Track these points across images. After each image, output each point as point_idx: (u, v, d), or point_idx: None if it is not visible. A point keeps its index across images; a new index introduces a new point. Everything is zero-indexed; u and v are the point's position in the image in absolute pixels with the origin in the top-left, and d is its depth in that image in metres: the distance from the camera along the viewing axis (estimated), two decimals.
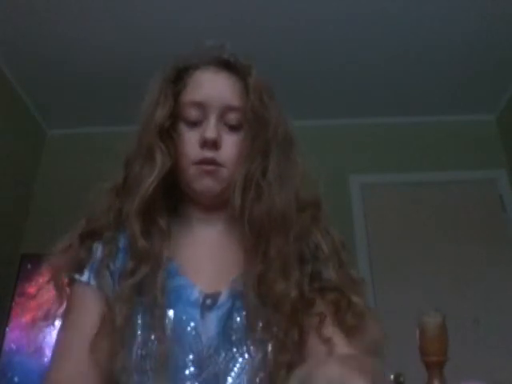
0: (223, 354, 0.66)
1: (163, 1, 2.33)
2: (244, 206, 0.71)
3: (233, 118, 0.76)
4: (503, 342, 2.51)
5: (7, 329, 2.51)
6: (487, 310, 2.61)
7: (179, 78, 0.80)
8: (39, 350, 0.68)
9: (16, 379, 2.44)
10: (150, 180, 0.71)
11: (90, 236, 0.73)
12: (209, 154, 0.74)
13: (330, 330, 0.66)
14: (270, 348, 0.66)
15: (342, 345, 0.64)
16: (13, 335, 2.49)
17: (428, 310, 0.73)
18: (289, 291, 0.66)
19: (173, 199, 0.80)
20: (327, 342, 0.64)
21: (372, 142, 3.14)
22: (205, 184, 0.74)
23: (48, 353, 0.69)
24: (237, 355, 0.66)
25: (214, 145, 0.74)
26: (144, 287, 0.68)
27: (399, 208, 2.96)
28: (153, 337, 0.66)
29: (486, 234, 2.83)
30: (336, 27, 2.51)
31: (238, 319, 0.68)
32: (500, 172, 3.02)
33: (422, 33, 2.54)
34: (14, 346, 2.48)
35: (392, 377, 2.48)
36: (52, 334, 0.70)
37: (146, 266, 0.69)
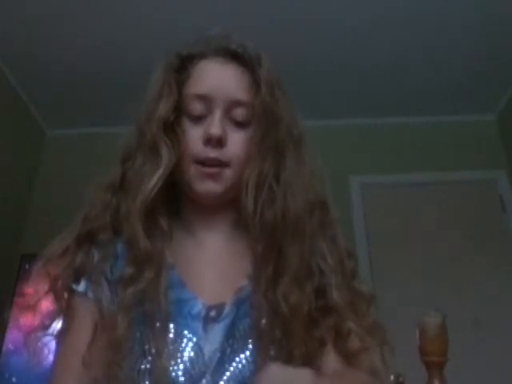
0: (226, 365, 0.63)
1: (163, 1, 2.33)
2: (255, 209, 0.66)
3: (240, 113, 0.70)
4: (503, 343, 2.51)
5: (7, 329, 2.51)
6: (487, 310, 2.61)
7: (183, 67, 0.74)
8: (38, 352, 0.65)
9: (14, 380, 2.44)
10: (156, 177, 0.66)
11: (86, 239, 0.68)
12: (212, 153, 0.68)
13: (329, 357, 0.64)
14: (272, 355, 0.62)
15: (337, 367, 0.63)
16: (11, 336, 2.48)
17: (428, 310, 0.73)
18: (303, 304, 0.63)
19: (174, 200, 0.75)
20: (319, 369, 0.62)
21: (372, 142, 3.14)
22: (206, 186, 0.69)
23: (47, 353, 0.66)
24: (238, 363, 0.63)
25: (219, 142, 0.68)
26: (145, 294, 0.63)
27: (399, 208, 2.96)
28: (153, 350, 0.61)
29: (485, 234, 2.83)
30: (336, 27, 2.50)
31: (241, 327, 0.65)
32: (500, 172, 3.02)
33: (422, 33, 2.54)
34: (11, 347, 2.48)
35: (392, 377, 2.48)
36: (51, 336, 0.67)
37: (150, 271, 0.64)
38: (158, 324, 0.63)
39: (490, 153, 3.07)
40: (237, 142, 0.70)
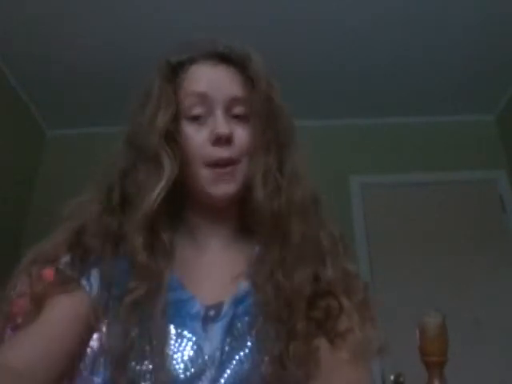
0: (226, 363, 0.64)
1: (163, 1, 2.33)
2: (265, 200, 0.68)
3: (239, 110, 0.72)
4: (503, 342, 2.51)
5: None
6: (487, 310, 2.61)
7: (174, 75, 0.74)
8: None
9: None
10: (158, 190, 0.66)
11: (79, 246, 0.69)
12: (224, 152, 0.69)
13: (319, 340, 0.64)
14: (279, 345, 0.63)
15: (326, 356, 0.63)
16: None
17: (428, 310, 0.73)
18: (306, 282, 0.64)
19: (175, 206, 0.75)
20: (315, 351, 0.63)
21: (372, 142, 3.14)
22: (221, 189, 0.70)
23: None
24: (237, 361, 0.64)
25: (228, 140, 0.69)
26: (144, 304, 0.64)
27: (399, 208, 2.96)
28: (153, 351, 0.63)
29: (485, 235, 2.83)
30: (336, 27, 2.50)
31: (240, 325, 0.66)
32: (500, 172, 3.02)
33: (422, 33, 2.54)
34: None
35: (392, 377, 2.48)
36: None
37: (148, 283, 0.65)
38: (156, 328, 0.63)
39: (490, 153, 3.08)
40: (243, 138, 0.71)
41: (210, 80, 0.72)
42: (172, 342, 0.64)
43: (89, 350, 0.67)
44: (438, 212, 2.91)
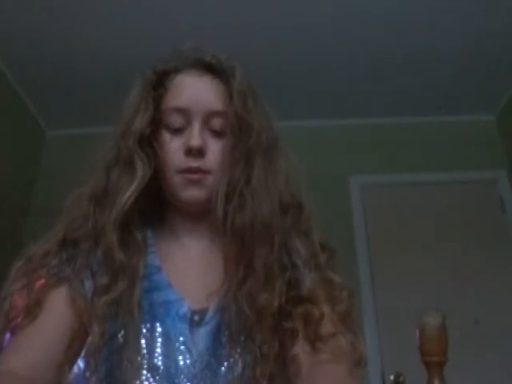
0: (214, 369, 0.64)
1: (163, 1, 2.33)
2: (226, 215, 0.69)
3: (217, 123, 0.73)
4: (503, 342, 2.51)
5: None
6: (487, 310, 2.61)
7: (159, 82, 0.76)
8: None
9: None
10: (130, 191, 0.69)
11: (69, 245, 0.70)
12: (194, 163, 0.71)
13: (299, 345, 0.64)
14: (251, 359, 0.64)
15: (307, 360, 0.63)
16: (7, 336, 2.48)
17: (428, 309, 0.73)
18: (272, 302, 0.64)
19: (158, 208, 0.78)
20: (294, 359, 0.63)
21: (372, 142, 3.14)
22: (190, 193, 0.72)
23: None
24: (226, 368, 0.65)
25: (200, 152, 0.71)
26: (120, 303, 0.65)
27: (399, 208, 2.96)
28: (144, 351, 0.64)
29: (485, 235, 2.83)
30: (337, 27, 2.50)
31: (227, 333, 0.67)
32: (500, 172, 3.02)
33: (422, 33, 2.53)
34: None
35: (392, 377, 2.48)
36: None
37: (123, 281, 0.66)
38: (134, 327, 0.65)
39: (490, 153, 3.07)
40: (216, 151, 0.73)
41: (193, 93, 0.74)
42: (161, 343, 0.65)
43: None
44: (438, 212, 2.91)
